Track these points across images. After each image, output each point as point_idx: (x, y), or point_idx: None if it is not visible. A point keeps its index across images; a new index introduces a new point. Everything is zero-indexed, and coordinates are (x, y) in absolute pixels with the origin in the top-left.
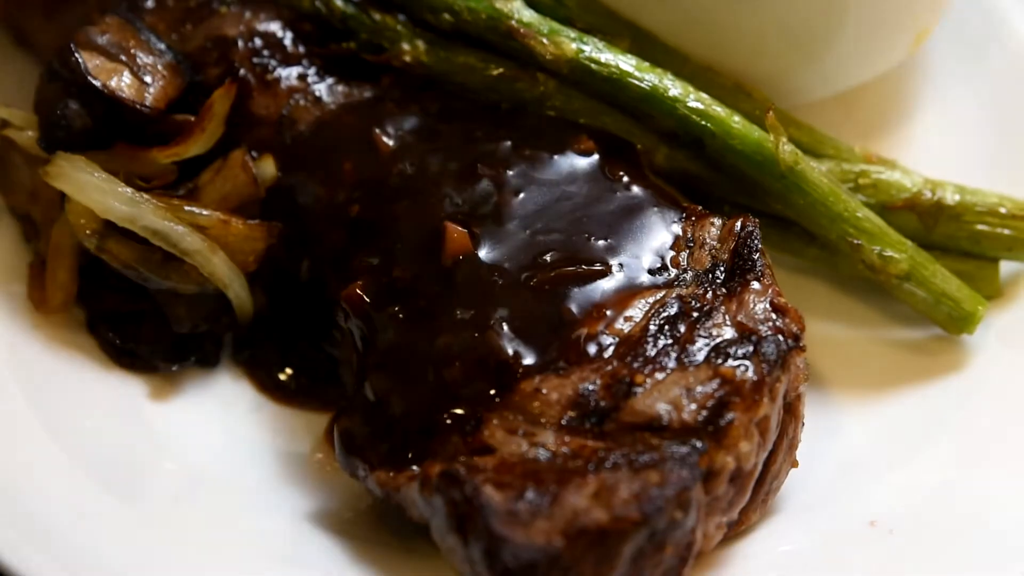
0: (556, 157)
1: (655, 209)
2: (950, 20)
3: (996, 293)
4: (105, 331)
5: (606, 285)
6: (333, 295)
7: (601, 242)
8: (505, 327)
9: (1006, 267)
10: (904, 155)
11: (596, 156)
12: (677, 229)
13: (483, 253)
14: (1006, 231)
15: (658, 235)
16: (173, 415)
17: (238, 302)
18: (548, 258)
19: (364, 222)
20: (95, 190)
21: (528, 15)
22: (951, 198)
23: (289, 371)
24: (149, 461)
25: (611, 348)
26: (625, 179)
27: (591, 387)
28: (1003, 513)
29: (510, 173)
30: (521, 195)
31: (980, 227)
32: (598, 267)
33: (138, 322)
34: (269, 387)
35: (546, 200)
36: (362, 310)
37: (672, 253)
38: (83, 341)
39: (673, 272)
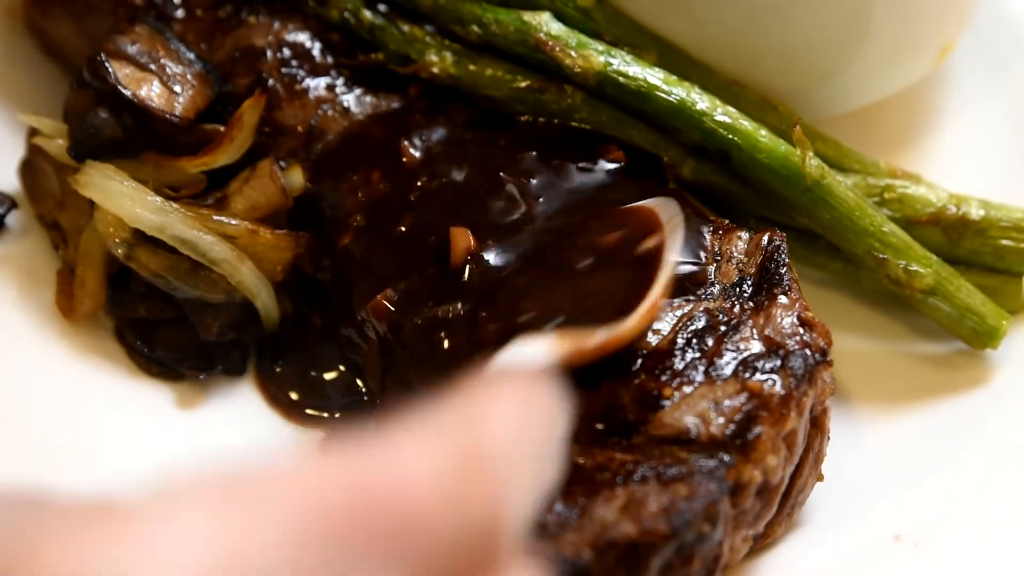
0: (583, 168)
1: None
2: (974, 33)
3: (1020, 308)
4: (133, 339)
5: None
6: (358, 305)
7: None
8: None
9: None
10: (928, 169)
11: (623, 168)
12: (704, 242)
13: (507, 262)
14: None
15: (685, 248)
16: (200, 423)
17: (265, 311)
18: (576, 270)
19: (390, 232)
20: (124, 199)
21: (556, 28)
22: (976, 213)
23: (298, 392)
24: (176, 469)
25: (639, 361)
26: (654, 192)
27: (619, 400)
28: None
29: (535, 183)
30: (547, 206)
31: (1005, 242)
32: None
33: (166, 330)
34: (280, 402)
35: (572, 212)
36: (387, 320)
37: (699, 266)
38: (111, 349)
39: (700, 285)
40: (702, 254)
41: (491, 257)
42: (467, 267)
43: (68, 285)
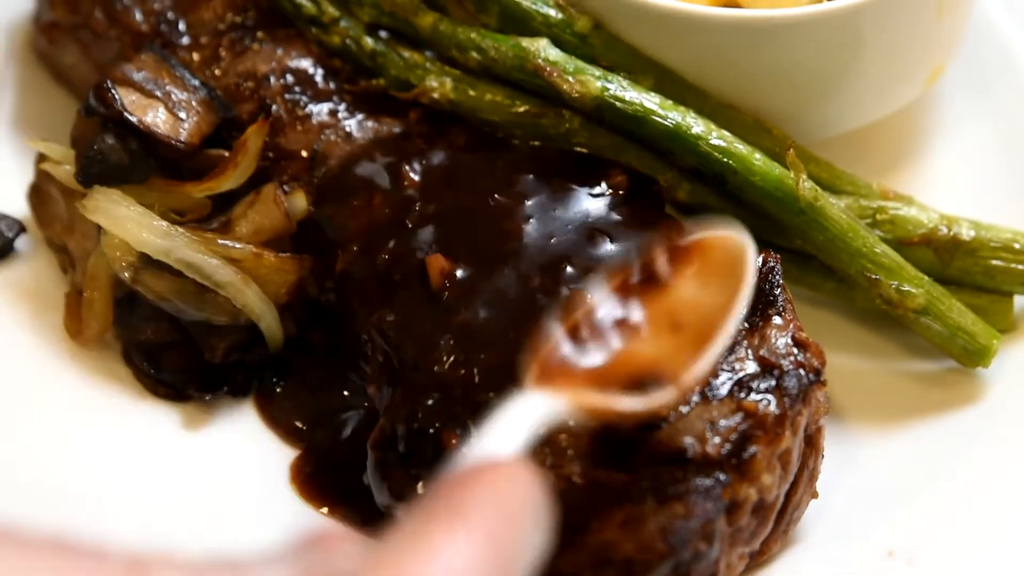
0: (583, 191)
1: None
2: (963, 56)
3: (1010, 327)
4: (140, 361)
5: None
6: (361, 326)
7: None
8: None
9: (1020, 301)
10: (919, 190)
11: (620, 191)
12: None
13: (512, 285)
14: (1020, 266)
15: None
16: (206, 444)
17: (269, 333)
18: (574, 293)
19: (391, 254)
20: (131, 223)
21: (554, 54)
22: (967, 234)
23: (298, 413)
24: (182, 489)
25: None
26: (649, 213)
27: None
28: (1021, 544)
29: (536, 206)
30: (549, 228)
31: (995, 262)
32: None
33: (172, 352)
34: (279, 424)
35: (574, 233)
36: (389, 343)
37: None
38: (118, 370)
39: None
40: None
41: (503, 284)
42: (446, 292)
43: (76, 308)
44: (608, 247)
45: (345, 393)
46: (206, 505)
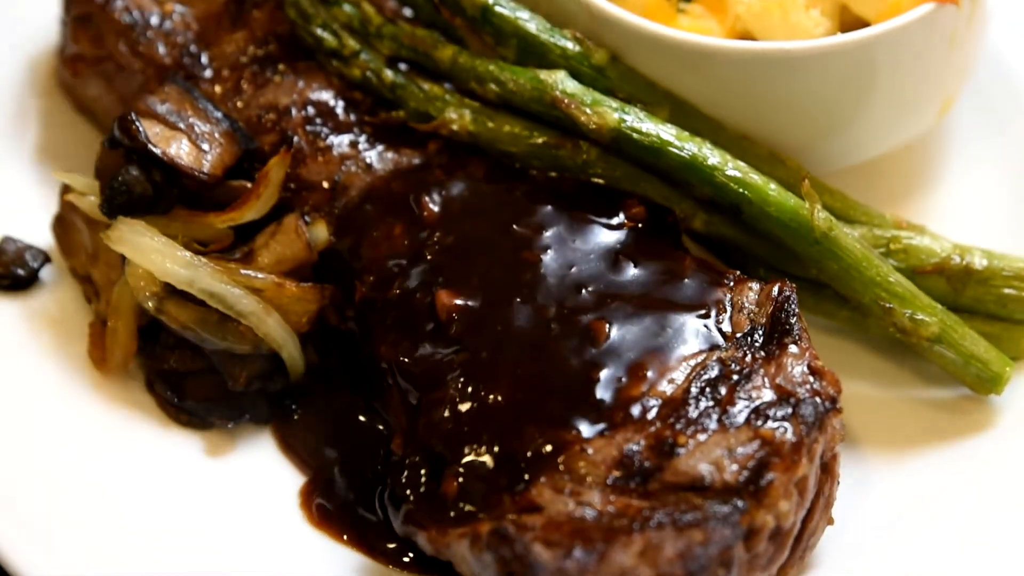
0: (601, 222)
1: (694, 274)
2: (974, 88)
3: (1022, 354)
4: (163, 389)
5: (649, 347)
6: (381, 356)
7: (643, 306)
8: (553, 389)
9: None
10: (932, 219)
11: (638, 222)
12: (716, 293)
13: (529, 317)
14: None
15: (698, 299)
16: (229, 470)
17: (291, 362)
18: (593, 321)
19: (406, 286)
20: (154, 253)
21: (571, 86)
22: (979, 263)
23: (314, 441)
24: (205, 516)
25: (655, 409)
26: (665, 244)
27: (636, 447)
28: None
29: (554, 237)
30: (567, 260)
31: (1007, 291)
32: (642, 330)
33: (195, 381)
34: (293, 451)
35: (590, 264)
36: (407, 373)
37: (712, 317)
38: (142, 399)
39: (713, 335)
40: (714, 305)
41: (526, 316)
42: (454, 326)
43: (100, 337)
44: (623, 280)
45: (362, 419)
46: (224, 530)
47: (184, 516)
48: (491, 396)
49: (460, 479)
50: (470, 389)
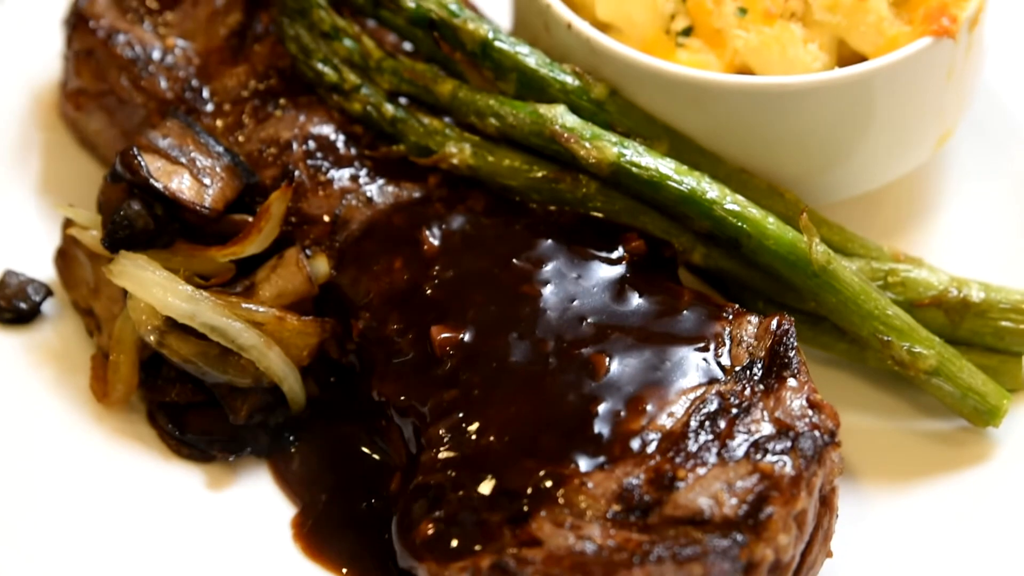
0: (600, 256)
1: (693, 307)
2: (971, 121)
3: (1020, 386)
4: (164, 422)
5: (647, 381)
6: (380, 390)
7: (642, 339)
8: (553, 422)
9: None
10: (930, 251)
11: (636, 256)
12: (715, 327)
13: (527, 351)
14: None
15: (697, 333)
16: (229, 504)
17: (292, 395)
18: (592, 355)
19: (403, 322)
20: (156, 287)
21: (571, 120)
22: (976, 295)
23: (308, 473)
24: (205, 548)
25: (654, 443)
26: (663, 278)
27: (635, 481)
28: None
29: (553, 271)
30: (566, 293)
31: (1004, 323)
32: (641, 364)
33: (196, 414)
34: (287, 482)
35: (590, 298)
36: (405, 407)
37: (711, 350)
38: (143, 432)
39: (712, 369)
40: (713, 338)
41: (525, 351)
42: (448, 362)
43: (102, 370)
44: (623, 314)
45: (362, 451)
46: (223, 563)
47: (185, 548)
48: (491, 430)
49: (460, 512)
50: (469, 423)
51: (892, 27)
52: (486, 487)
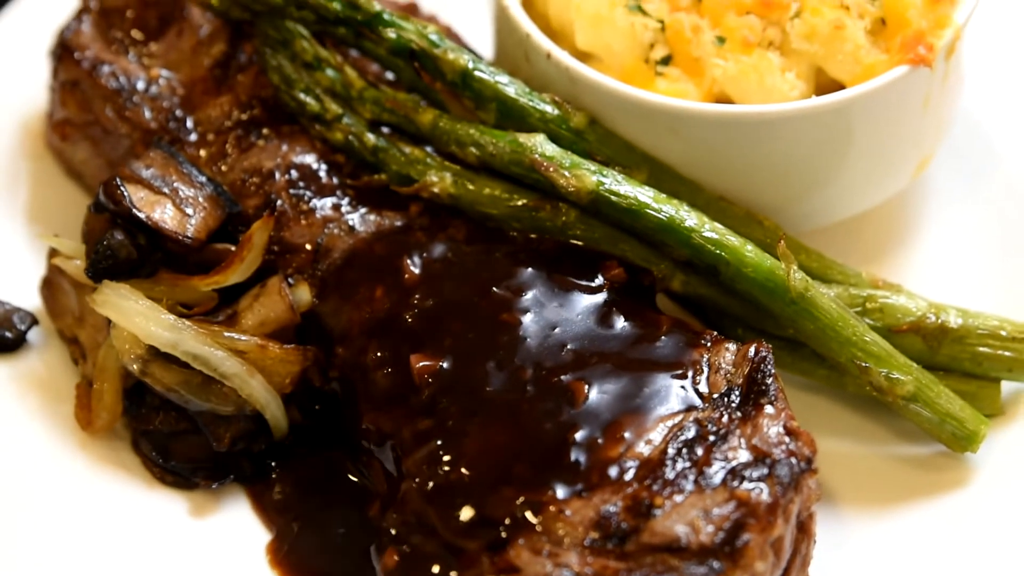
0: (580, 284)
1: (672, 335)
2: (949, 147)
3: (998, 412)
4: (148, 450)
5: (625, 408)
6: (361, 418)
7: (621, 367)
8: (531, 450)
9: (1007, 387)
10: (908, 277)
11: (616, 284)
12: (693, 354)
13: (507, 379)
14: (1007, 353)
15: (675, 360)
16: (213, 531)
17: (274, 422)
18: (571, 382)
19: (384, 349)
20: (139, 317)
21: (550, 149)
22: (954, 321)
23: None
24: (190, 574)
25: (631, 471)
26: (642, 305)
27: (613, 509)
28: None
29: (533, 299)
30: (546, 321)
31: (982, 349)
32: (619, 391)
33: (180, 441)
34: (264, 508)
35: (569, 326)
36: (385, 435)
37: (689, 378)
38: (127, 459)
39: (690, 396)
40: (691, 365)
41: (502, 380)
42: (426, 390)
43: (86, 398)
44: (602, 341)
45: (343, 478)
46: None
47: (169, 575)
48: (469, 457)
49: (439, 539)
50: (448, 450)
51: (869, 55)
52: (464, 514)
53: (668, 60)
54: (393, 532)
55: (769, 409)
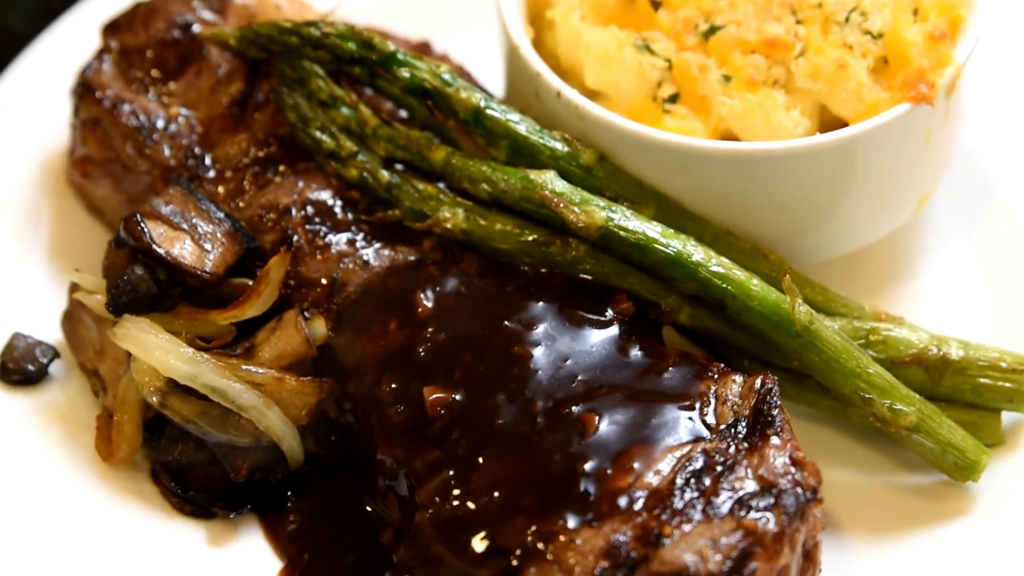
0: (590, 317)
1: (680, 367)
2: (950, 183)
3: (998, 441)
4: (167, 480)
5: (634, 439)
6: (375, 450)
7: (630, 399)
8: (542, 480)
9: (1007, 417)
10: (910, 310)
11: (625, 317)
12: (701, 386)
13: (518, 411)
14: (1007, 384)
15: (683, 392)
16: (230, 560)
17: (291, 453)
18: (582, 414)
19: (404, 380)
20: (158, 350)
21: (560, 185)
22: (955, 353)
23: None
24: None
25: (640, 500)
26: (652, 338)
27: (623, 538)
28: None
29: (544, 333)
30: (556, 354)
31: (983, 380)
32: (628, 422)
33: (198, 472)
34: (276, 538)
35: (579, 359)
36: (398, 467)
37: (697, 409)
38: (146, 490)
39: (698, 427)
40: (699, 397)
41: (513, 412)
42: (439, 422)
43: (107, 430)
44: (611, 374)
45: (358, 508)
46: None
47: None
48: (482, 488)
49: (451, 570)
50: (460, 481)
51: (872, 93)
52: (477, 543)
53: (675, 98)
54: (406, 562)
55: (775, 440)
